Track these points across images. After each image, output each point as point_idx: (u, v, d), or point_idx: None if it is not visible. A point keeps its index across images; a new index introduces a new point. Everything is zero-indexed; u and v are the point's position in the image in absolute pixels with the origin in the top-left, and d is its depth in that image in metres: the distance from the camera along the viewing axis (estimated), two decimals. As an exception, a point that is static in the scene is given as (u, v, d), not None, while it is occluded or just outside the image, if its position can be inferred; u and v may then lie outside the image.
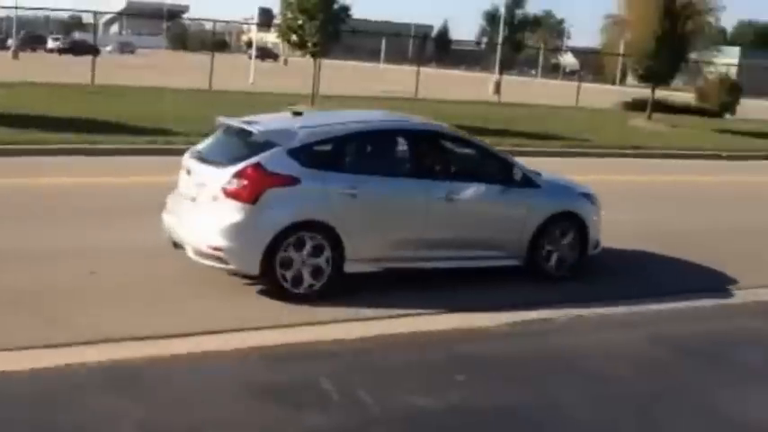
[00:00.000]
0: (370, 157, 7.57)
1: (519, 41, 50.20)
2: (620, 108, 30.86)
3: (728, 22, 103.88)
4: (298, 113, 7.67)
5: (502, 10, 52.63)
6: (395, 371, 5.42)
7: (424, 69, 32.40)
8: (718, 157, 19.35)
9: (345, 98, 23.55)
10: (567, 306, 6.90)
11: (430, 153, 7.64)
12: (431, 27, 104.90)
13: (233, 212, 6.56)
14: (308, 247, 6.63)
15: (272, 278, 6.60)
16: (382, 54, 77.99)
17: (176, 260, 6.90)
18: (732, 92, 33.01)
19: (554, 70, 79.36)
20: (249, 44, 62.35)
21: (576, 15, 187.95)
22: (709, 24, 26.09)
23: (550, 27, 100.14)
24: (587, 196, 8.24)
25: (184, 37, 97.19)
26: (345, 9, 20.84)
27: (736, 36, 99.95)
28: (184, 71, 29.72)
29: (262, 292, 6.69)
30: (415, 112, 11.92)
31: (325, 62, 23.34)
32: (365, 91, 27.76)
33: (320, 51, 20.80)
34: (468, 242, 7.46)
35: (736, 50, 67.96)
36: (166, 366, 5.22)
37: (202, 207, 6.79)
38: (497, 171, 7.66)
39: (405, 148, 7.56)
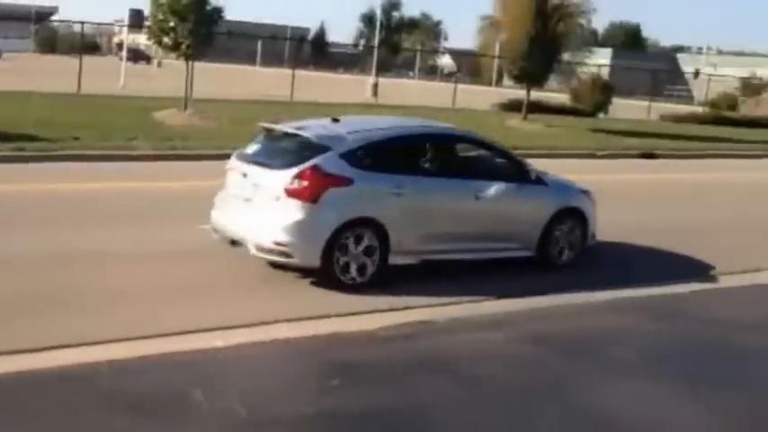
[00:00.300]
0: (410, 159, 8.27)
1: (396, 43, 50.68)
2: (497, 109, 31.46)
3: (600, 23, 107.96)
4: (336, 120, 8.39)
5: (378, 12, 53.06)
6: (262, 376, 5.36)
7: (300, 72, 32.18)
8: (594, 156, 19.94)
9: (220, 102, 23.12)
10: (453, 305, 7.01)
11: (460, 155, 8.78)
12: (307, 30, 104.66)
13: (296, 211, 7.33)
14: (360, 241, 7.46)
15: (330, 270, 7.36)
16: (258, 57, 77.16)
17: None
18: (604, 92, 34.27)
19: (432, 72, 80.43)
20: (120, 46, 60.46)
21: (453, 17, 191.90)
22: (581, 26, 26.90)
23: (428, 29, 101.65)
24: (586, 193, 9.17)
25: (53, 40, 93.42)
26: (218, 11, 20.38)
27: (608, 37, 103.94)
28: (53, 75, 28.49)
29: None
30: (292, 115, 11.71)
31: (201, 65, 22.79)
32: (240, 94, 27.34)
33: (193, 54, 20.29)
34: (490, 235, 8.38)
35: (607, 51, 70.73)
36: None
37: (263, 206, 7.51)
38: (514, 171, 8.66)
39: (438, 151, 8.51)
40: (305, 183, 7.37)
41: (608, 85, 35.60)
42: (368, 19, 64.05)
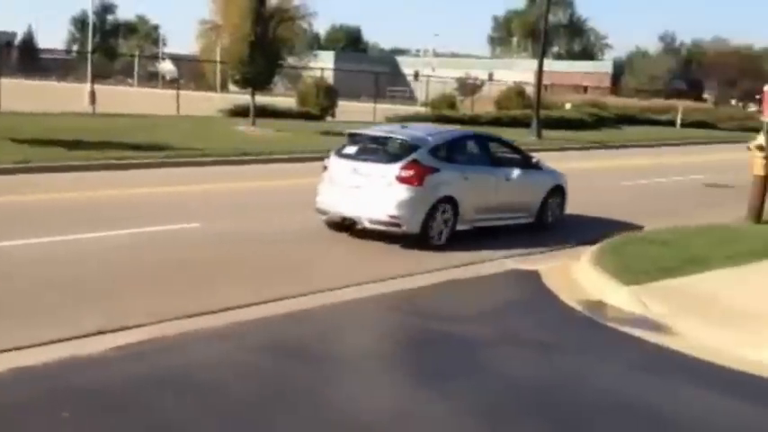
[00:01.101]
0: (467, 153, 11.79)
1: (112, 48, 48.78)
2: (224, 115, 31.33)
3: (321, 26, 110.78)
4: (404, 126, 12.51)
5: (91, 15, 50.75)
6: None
7: (7, 81, 30.07)
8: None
9: None
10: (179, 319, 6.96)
11: (495, 150, 12.38)
12: (14, 34, 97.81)
13: (406, 192, 10.47)
14: (444, 213, 10.77)
15: (424, 235, 10.60)
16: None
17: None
18: (329, 95, 35.22)
19: (152, 78, 78.33)
20: None
21: (170, 21, 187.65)
22: (303, 29, 27.44)
23: (145, 33, 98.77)
24: (563, 175, 13.04)
25: None
26: None
27: (330, 40, 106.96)
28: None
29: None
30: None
31: None
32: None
33: None
34: (512, 207, 12.02)
35: (330, 54, 72.78)
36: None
37: (376, 190, 10.55)
38: (525, 159, 12.57)
39: (482, 147, 12.10)
40: (411, 172, 10.54)
41: (331, 88, 36.63)
42: (80, 23, 61.05)
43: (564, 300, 8.50)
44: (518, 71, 62.39)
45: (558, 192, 12.82)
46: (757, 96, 46.83)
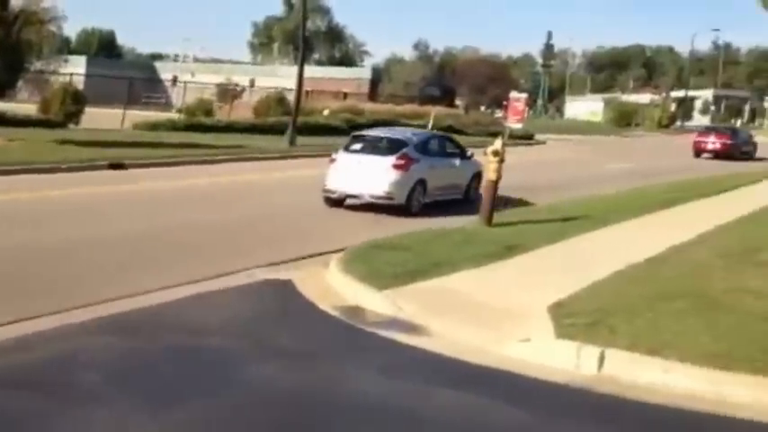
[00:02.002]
0: (432, 149, 16.79)
1: None
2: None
3: (72, 30, 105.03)
4: (391, 129, 19.61)
5: None
6: None
7: None
8: (59, 169, 19.02)
9: None
10: None
11: (447, 146, 17.75)
12: None
13: (397, 176, 15.25)
14: (420, 190, 15.54)
15: (408, 205, 15.33)
16: None
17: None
18: (76, 101, 33.30)
19: None
20: None
21: None
22: (52, 33, 25.81)
23: None
24: (481, 165, 16.60)
25: None
26: None
27: (82, 45, 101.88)
28: None
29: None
30: None
31: None
32: None
33: None
34: (454, 186, 17.02)
35: (82, 59, 69.29)
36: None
37: (375, 175, 15.25)
38: (461, 152, 17.85)
39: (441, 143, 17.57)
40: (402, 161, 15.38)
41: (79, 93, 34.70)
42: None
43: (320, 307, 8.43)
44: (280, 77, 62.43)
45: (478, 176, 17.44)
46: (505, 103, 49.89)
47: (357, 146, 16.35)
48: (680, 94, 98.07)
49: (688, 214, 16.81)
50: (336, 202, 15.82)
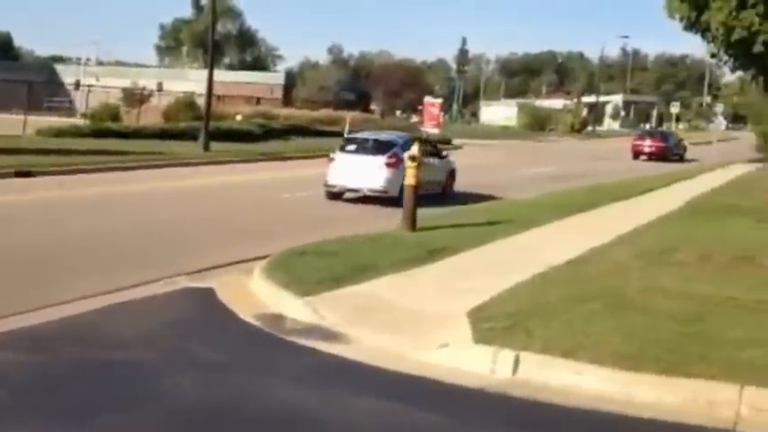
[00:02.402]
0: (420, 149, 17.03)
1: None
2: None
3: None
4: (375, 132, 23.16)
5: None
6: None
7: None
8: None
9: None
10: None
11: (427, 146, 19.48)
12: None
13: (390, 172, 18.22)
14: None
15: (400, 197, 15.05)
16: None
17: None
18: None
19: None
20: None
21: None
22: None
23: None
24: (455, 163, 21.65)
25: None
26: None
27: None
28: None
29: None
30: None
31: None
32: None
33: None
34: (434, 182, 19.17)
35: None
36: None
37: (371, 172, 18.30)
38: (437, 152, 20.98)
39: (423, 145, 16.86)
40: (393, 160, 18.16)
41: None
42: None
43: (241, 316, 8.43)
44: (190, 81, 61.69)
45: (452, 173, 21.55)
46: (420, 107, 50.43)
47: (351, 147, 19.87)
48: (591, 99, 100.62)
49: (608, 216, 17.54)
50: (336, 195, 19.25)
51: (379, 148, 19.34)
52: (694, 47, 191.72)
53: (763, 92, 16.23)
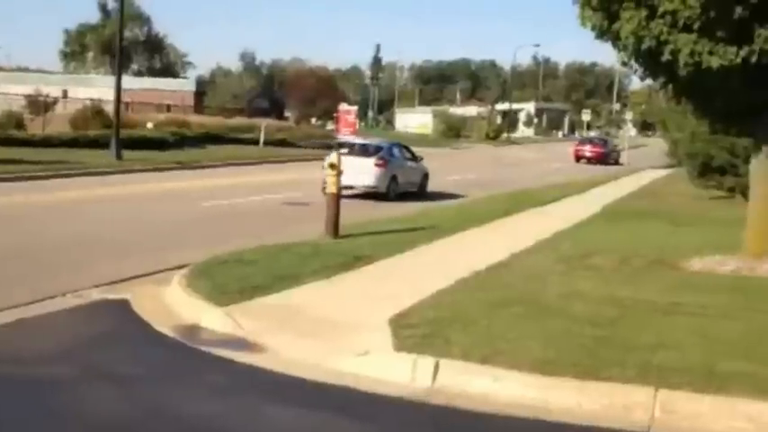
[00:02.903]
0: (398, 153, 25.16)
1: None
2: None
3: None
4: (364, 138, 31.01)
5: None
6: None
7: None
8: None
9: None
10: None
11: (405, 152, 26.04)
12: None
13: (379, 172, 23.34)
14: (394, 183, 23.82)
15: (387, 193, 23.39)
16: None
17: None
18: None
19: None
20: None
21: None
22: None
23: None
24: (427, 167, 26.64)
25: None
26: None
27: None
28: None
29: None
30: None
31: None
32: None
33: None
34: (411, 182, 25.27)
35: None
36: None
37: (364, 171, 22.57)
38: (413, 156, 26.18)
39: (400, 150, 25.79)
40: (381, 161, 23.33)
41: None
42: None
43: (156, 327, 8.30)
44: (96, 88, 60.35)
45: (426, 176, 26.50)
46: (335, 115, 50.46)
47: (345, 150, 22.72)
48: (504, 106, 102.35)
49: (529, 221, 17.99)
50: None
51: (369, 151, 24.35)
52: (603, 55, 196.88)
53: (672, 99, 16.76)
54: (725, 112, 12.76)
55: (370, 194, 23.08)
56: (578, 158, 56.07)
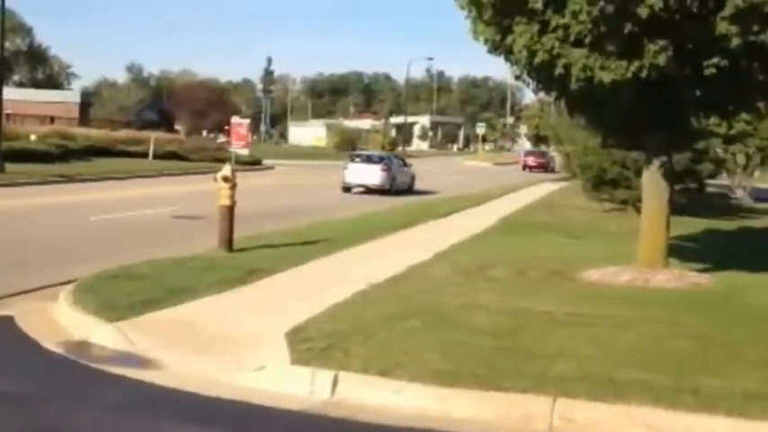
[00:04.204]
0: (394, 161, 38.10)
1: None
2: None
3: None
4: (369, 151, 49.99)
5: None
6: None
7: None
8: None
9: None
10: None
11: (399, 161, 39.63)
12: None
13: (385, 175, 35.29)
14: (394, 182, 35.74)
15: (390, 189, 34.45)
16: None
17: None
18: None
19: None
20: None
21: None
22: None
23: None
24: (414, 171, 39.40)
25: None
26: None
27: None
28: None
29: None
30: None
31: None
32: None
33: None
34: (404, 182, 37.23)
35: None
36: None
37: (373, 174, 34.90)
38: (404, 163, 39.82)
39: (397, 159, 39.79)
40: (386, 167, 35.61)
41: None
42: None
43: (44, 344, 8.02)
44: (-27, 98, 58.18)
45: (414, 177, 37.79)
46: (227, 128, 49.94)
47: (358, 159, 35.87)
48: (399, 119, 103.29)
49: (427, 234, 18.18)
50: (348, 189, 33.80)
51: (375, 160, 36.15)
52: (495, 69, 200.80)
53: (565, 113, 17.20)
54: (617, 125, 13.16)
55: (377, 190, 33.41)
56: (524, 167, 69.05)
